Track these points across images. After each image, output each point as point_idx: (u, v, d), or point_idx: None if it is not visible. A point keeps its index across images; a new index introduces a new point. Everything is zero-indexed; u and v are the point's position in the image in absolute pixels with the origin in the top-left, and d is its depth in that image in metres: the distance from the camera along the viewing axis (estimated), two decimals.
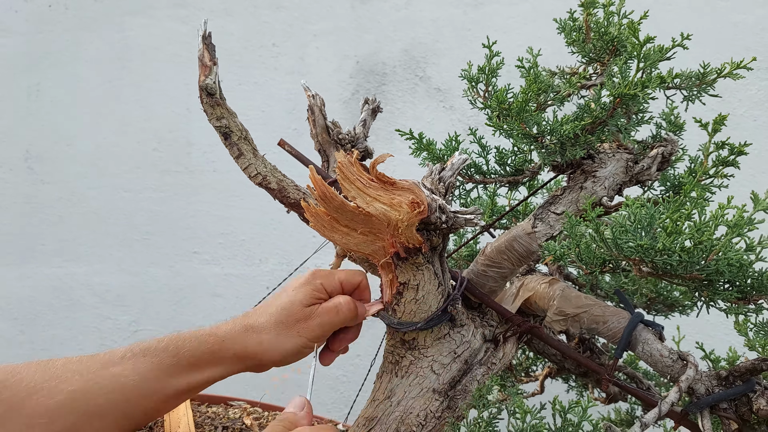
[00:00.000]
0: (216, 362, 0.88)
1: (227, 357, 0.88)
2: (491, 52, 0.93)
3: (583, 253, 0.78)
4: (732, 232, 0.67)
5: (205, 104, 0.87)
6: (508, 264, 0.92)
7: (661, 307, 1.10)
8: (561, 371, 1.15)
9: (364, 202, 0.79)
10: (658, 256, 0.69)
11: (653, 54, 0.79)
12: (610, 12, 0.89)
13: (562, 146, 0.86)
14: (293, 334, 0.89)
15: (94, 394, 0.81)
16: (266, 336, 0.89)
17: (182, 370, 0.86)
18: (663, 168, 0.95)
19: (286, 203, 0.91)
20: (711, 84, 0.88)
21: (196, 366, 0.87)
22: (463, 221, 0.83)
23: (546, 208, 0.94)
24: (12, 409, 0.77)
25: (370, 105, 1.05)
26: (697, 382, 0.83)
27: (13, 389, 0.78)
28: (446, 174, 0.85)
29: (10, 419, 0.77)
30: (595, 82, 0.92)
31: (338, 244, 0.87)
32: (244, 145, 0.89)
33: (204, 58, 0.86)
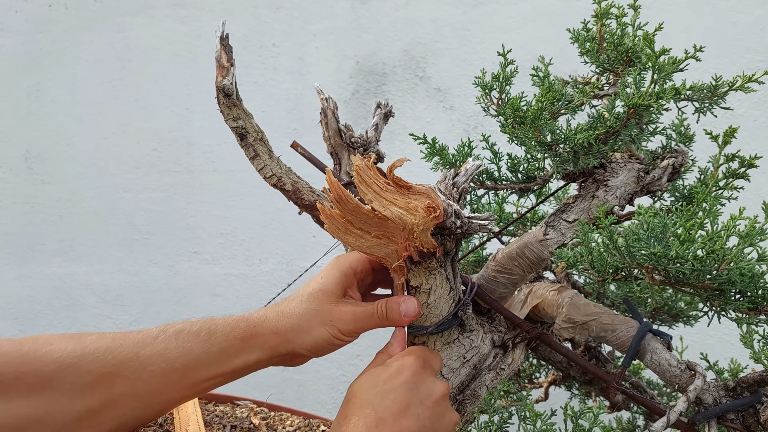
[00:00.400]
0: (248, 349, 0.86)
1: (259, 343, 0.86)
2: (506, 59, 0.93)
3: (596, 261, 0.78)
4: (744, 242, 0.68)
5: (222, 105, 0.87)
6: (519, 270, 0.93)
7: (666, 317, 1.10)
8: (566, 379, 1.15)
9: (381, 206, 0.80)
10: (671, 264, 0.70)
11: (667, 66, 0.80)
12: (624, 23, 0.90)
13: (575, 155, 0.87)
14: (326, 321, 0.87)
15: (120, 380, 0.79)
16: (298, 321, 0.87)
17: (212, 357, 0.84)
18: (673, 179, 0.96)
19: (301, 204, 0.92)
20: (722, 96, 0.89)
21: (227, 353, 0.85)
22: (477, 227, 0.83)
23: (558, 216, 0.94)
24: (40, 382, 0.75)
25: (383, 109, 1.05)
26: (705, 393, 0.84)
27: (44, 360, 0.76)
28: (460, 179, 0.86)
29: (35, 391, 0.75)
30: (608, 92, 0.93)
31: (352, 246, 0.87)
32: (259, 146, 0.90)
33: (221, 59, 0.86)
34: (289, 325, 0.87)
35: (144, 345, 0.82)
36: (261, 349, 0.86)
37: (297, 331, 0.87)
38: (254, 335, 0.86)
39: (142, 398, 0.81)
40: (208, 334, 0.84)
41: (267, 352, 0.87)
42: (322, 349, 0.88)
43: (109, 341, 0.81)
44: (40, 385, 0.76)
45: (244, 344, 0.86)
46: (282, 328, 0.87)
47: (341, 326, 0.87)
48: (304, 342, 0.87)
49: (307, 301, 0.89)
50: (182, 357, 0.82)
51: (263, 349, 0.87)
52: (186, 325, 0.85)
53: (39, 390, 0.76)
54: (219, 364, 0.84)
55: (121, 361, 0.80)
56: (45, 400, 0.76)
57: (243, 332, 0.86)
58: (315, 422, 1.28)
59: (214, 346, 0.84)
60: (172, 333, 0.84)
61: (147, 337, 0.83)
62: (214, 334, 0.85)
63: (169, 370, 0.82)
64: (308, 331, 0.87)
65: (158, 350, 0.82)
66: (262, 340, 0.86)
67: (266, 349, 0.87)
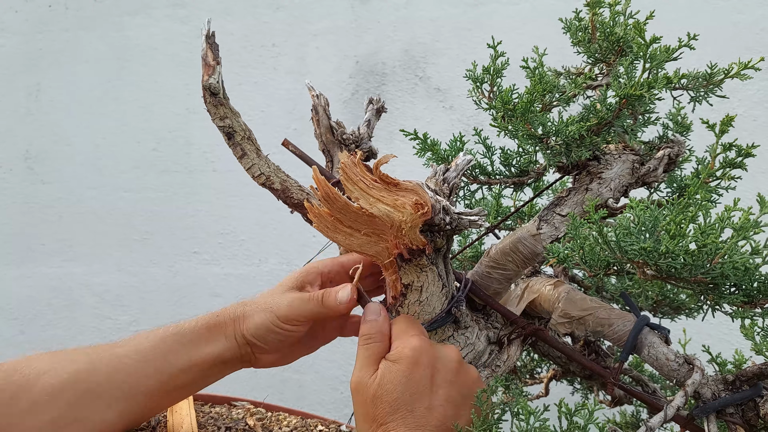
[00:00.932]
0: (213, 337, 0.90)
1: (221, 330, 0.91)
2: (496, 52, 0.92)
3: (587, 256, 0.77)
4: (738, 235, 0.67)
5: (209, 104, 0.86)
6: (513, 266, 0.92)
7: (668, 309, 1.09)
8: (566, 374, 1.14)
9: (368, 203, 0.79)
10: (661, 259, 0.68)
11: (659, 54, 0.79)
12: (616, 12, 0.89)
13: (567, 147, 0.86)
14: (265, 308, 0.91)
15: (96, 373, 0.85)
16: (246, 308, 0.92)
17: (182, 347, 0.89)
18: (669, 169, 0.95)
19: (290, 203, 0.91)
20: (718, 85, 0.87)
21: (194, 342, 0.90)
22: (467, 222, 0.82)
23: (551, 210, 0.93)
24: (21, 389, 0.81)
25: (375, 105, 1.04)
26: (704, 387, 0.82)
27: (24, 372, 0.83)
28: (450, 175, 0.85)
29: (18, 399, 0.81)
30: (601, 83, 0.92)
31: (341, 244, 0.86)
32: (247, 145, 0.89)
33: (207, 57, 0.85)
34: (240, 313, 0.92)
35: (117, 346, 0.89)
36: (225, 337, 0.91)
37: (245, 317, 0.92)
38: (217, 324, 0.91)
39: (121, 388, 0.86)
40: (176, 328, 0.91)
41: (229, 340, 0.91)
42: (262, 336, 0.91)
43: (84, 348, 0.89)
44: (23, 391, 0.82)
45: (209, 333, 0.91)
46: (237, 316, 0.92)
47: (278, 312, 0.90)
48: (248, 328, 0.91)
49: (263, 293, 0.95)
50: (154, 348, 0.88)
51: (226, 337, 0.91)
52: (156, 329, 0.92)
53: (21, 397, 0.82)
54: (189, 352, 0.89)
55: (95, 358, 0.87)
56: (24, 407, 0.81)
57: (207, 321, 0.92)
58: (312, 422, 1.27)
59: (184, 337, 0.90)
60: (143, 333, 0.91)
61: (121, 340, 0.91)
62: (183, 327, 0.91)
63: (143, 359, 0.87)
64: (251, 316, 0.91)
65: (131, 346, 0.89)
66: (223, 328, 0.91)
67: (228, 336, 0.91)
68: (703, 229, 0.66)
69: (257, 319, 0.90)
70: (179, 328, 0.91)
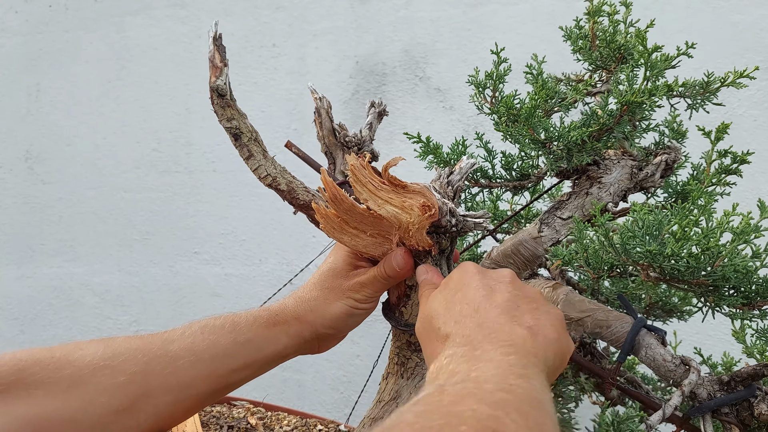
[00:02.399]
0: (273, 337, 0.88)
1: (283, 330, 0.89)
2: (499, 58, 0.94)
3: (591, 258, 0.79)
4: (738, 239, 0.69)
5: (216, 105, 0.88)
6: (514, 268, 0.93)
7: (660, 312, 1.10)
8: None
9: (376, 205, 0.80)
10: (666, 261, 0.70)
11: (660, 62, 0.80)
12: (616, 20, 0.90)
13: (569, 152, 0.87)
14: (340, 296, 0.90)
15: (152, 376, 0.82)
16: (315, 303, 0.90)
17: (238, 348, 0.86)
18: (666, 175, 0.96)
19: (296, 204, 0.92)
20: (714, 92, 0.89)
21: (253, 342, 0.87)
22: (472, 224, 0.84)
23: (552, 213, 0.95)
24: (74, 385, 0.78)
25: (377, 108, 1.05)
26: (699, 387, 0.84)
27: (77, 365, 0.79)
28: (455, 178, 0.86)
29: (72, 395, 0.78)
30: (601, 90, 0.93)
31: (347, 245, 0.88)
32: (254, 147, 0.90)
33: (215, 59, 0.87)
34: (308, 309, 0.90)
35: (171, 341, 0.84)
36: (287, 336, 0.89)
37: (316, 313, 0.90)
38: (277, 323, 0.89)
39: (174, 392, 0.83)
40: (232, 326, 0.87)
41: (293, 338, 0.89)
42: (343, 323, 0.90)
43: (138, 341, 0.84)
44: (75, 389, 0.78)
45: (268, 332, 0.88)
46: (302, 314, 0.90)
47: (354, 296, 0.90)
48: (325, 321, 0.89)
49: (320, 283, 0.92)
50: (209, 349, 0.85)
51: (289, 336, 0.89)
52: (210, 321, 0.88)
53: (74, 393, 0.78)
54: (246, 353, 0.87)
55: (152, 358, 0.82)
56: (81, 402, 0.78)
57: (266, 321, 0.89)
58: (312, 422, 1.28)
59: (240, 336, 0.87)
60: (197, 328, 0.87)
61: (173, 334, 0.86)
62: (239, 325, 0.87)
63: (198, 361, 0.84)
64: (326, 309, 0.90)
65: (186, 344, 0.85)
66: (286, 327, 0.89)
67: (291, 335, 0.89)
68: (706, 233, 0.67)
69: (335, 309, 0.90)
70: (235, 327, 0.87)
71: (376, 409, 0.94)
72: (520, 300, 0.73)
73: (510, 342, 0.65)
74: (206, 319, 0.89)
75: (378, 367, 1.05)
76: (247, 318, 0.89)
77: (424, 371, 0.92)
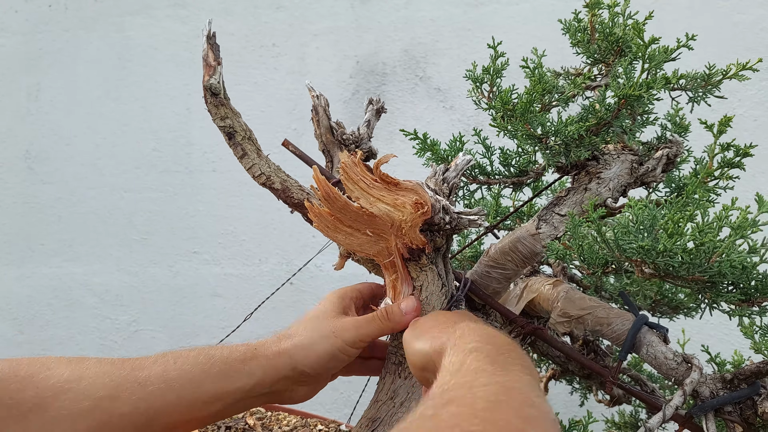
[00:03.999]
0: (247, 371, 0.85)
1: (261, 364, 0.86)
2: (496, 52, 0.92)
3: (586, 254, 0.77)
4: (735, 234, 0.67)
5: (209, 104, 0.87)
6: (512, 265, 0.92)
7: (666, 309, 1.09)
8: (565, 373, 1.14)
9: (368, 203, 0.79)
10: (659, 257, 0.69)
11: (658, 55, 0.79)
12: (615, 13, 0.89)
13: (566, 147, 0.86)
14: (328, 334, 0.86)
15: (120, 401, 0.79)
16: (301, 339, 0.87)
17: (211, 379, 0.83)
18: (668, 169, 0.95)
19: (290, 203, 0.91)
20: (716, 85, 0.87)
21: (226, 374, 0.84)
22: (466, 222, 0.83)
23: (550, 210, 0.93)
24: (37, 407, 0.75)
25: (374, 105, 1.04)
26: (702, 385, 0.83)
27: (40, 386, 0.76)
28: (450, 175, 0.85)
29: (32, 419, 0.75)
30: (600, 83, 0.92)
31: (342, 244, 0.87)
32: (248, 145, 0.89)
33: (208, 57, 0.86)
34: (291, 344, 0.87)
35: (142, 368, 0.82)
36: (262, 370, 0.85)
37: (300, 347, 0.86)
38: (255, 357, 0.86)
39: (142, 417, 0.80)
40: (206, 358, 0.84)
41: (269, 372, 0.86)
42: (326, 364, 0.87)
43: (108, 366, 0.81)
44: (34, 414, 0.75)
45: (243, 366, 0.85)
46: (284, 347, 0.86)
47: (344, 336, 0.86)
48: (308, 358, 0.86)
49: (309, 321, 0.89)
50: (181, 377, 0.82)
51: (265, 370, 0.85)
52: (184, 351, 0.85)
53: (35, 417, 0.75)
54: (218, 385, 0.84)
55: (119, 383, 0.80)
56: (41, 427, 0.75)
57: (243, 354, 0.86)
58: (312, 421, 1.27)
59: (214, 368, 0.84)
60: (171, 357, 0.84)
61: (145, 361, 0.83)
62: (213, 357, 0.85)
63: (168, 389, 0.81)
64: (311, 346, 0.86)
65: (156, 372, 0.82)
66: (264, 361, 0.86)
67: (268, 369, 0.86)
68: (701, 228, 0.66)
69: (320, 348, 0.86)
70: (209, 358, 0.84)
71: (373, 410, 0.93)
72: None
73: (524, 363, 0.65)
74: (180, 350, 0.86)
75: None
76: (223, 351, 0.86)
77: None
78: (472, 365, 0.61)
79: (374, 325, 0.87)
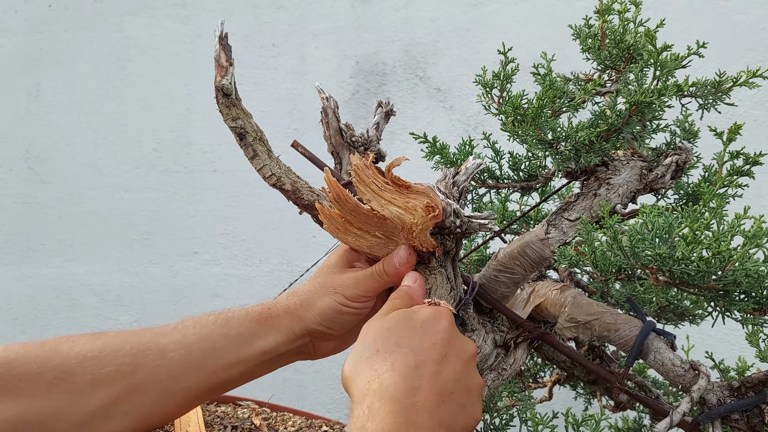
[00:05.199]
0: (264, 331, 0.86)
1: (274, 324, 0.87)
2: (506, 57, 0.93)
3: (599, 260, 0.78)
4: (750, 243, 0.67)
5: (221, 105, 0.87)
6: (521, 270, 0.92)
7: (671, 316, 1.09)
8: (570, 378, 1.15)
9: (379, 205, 0.79)
10: (676, 265, 0.69)
11: (669, 62, 0.79)
12: (626, 19, 0.89)
13: (576, 153, 0.86)
14: (330, 291, 0.87)
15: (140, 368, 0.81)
16: (305, 297, 0.88)
17: (229, 341, 0.85)
18: (677, 176, 0.95)
19: (300, 204, 0.91)
20: (726, 92, 0.88)
21: (244, 336, 0.86)
22: (477, 226, 0.83)
23: (559, 215, 0.94)
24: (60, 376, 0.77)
25: (384, 108, 1.05)
26: (709, 393, 0.83)
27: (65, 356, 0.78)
28: (460, 178, 0.85)
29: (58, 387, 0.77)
30: (610, 89, 0.92)
31: (351, 246, 0.87)
32: (259, 146, 0.89)
33: (220, 58, 0.86)
34: (298, 302, 0.88)
35: (162, 335, 0.84)
36: (278, 330, 0.87)
37: (305, 305, 0.87)
38: (269, 317, 0.87)
39: (163, 383, 0.82)
40: (225, 320, 0.86)
41: (284, 333, 0.87)
42: (332, 320, 0.87)
43: (129, 334, 0.83)
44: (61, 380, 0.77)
45: (260, 326, 0.86)
46: (292, 307, 0.88)
47: (345, 292, 0.87)
48: (313, 315, 0.87)
49: (313, 279, 0.90)
50: (200, 342, 0.84)
51: (280, 330, 0.87)
52: (203, 316, 0.87)
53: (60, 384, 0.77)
54: (237, 347, 0.85)
55: (141, 350, 0.81)
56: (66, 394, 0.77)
57: (258, 315, 0.87)
58: (317, 422, 1.27)
59: (231, 330, 0.85)
60: (190, 323, 0.86)
61: (165, 328, 0.85)
62: (231, 319, 0.86)
63: (188, 354, 0.83)
64: (315, 303, 0.87)
65: (176, 338, 0.83)
66: (277, 321, 0.87)
67: (282, 329, 0.87)
68: (717, 237, 0.66)
69: (323, 304, 0.87)
70: (228, 321, 0.86)
71: None
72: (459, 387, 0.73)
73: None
74: (200, 315, 0.88)
75: None
76: (240, 313, 0.88)
77: None
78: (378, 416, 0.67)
79: (373, 279, 0.87)
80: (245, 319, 0.87)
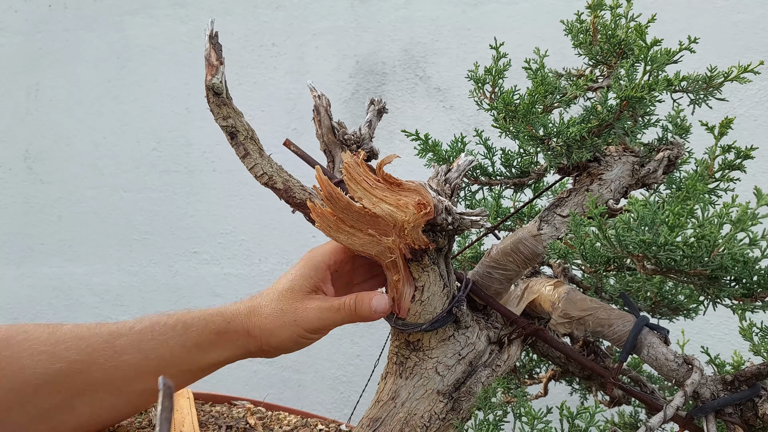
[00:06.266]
0: (221, 344, 0.87)
1: (232, 340, 0.87)
2: (498, 53, 0.93)
3: (588, 252, 0.78)
4: (736, 228, 0.67)
5: (212, 104, 0.87)
6: (514, 266, 0.92)
7: (666, 310, 1.09)
8: (565, 374, 1.15)
9: (371, 203, 0.79)
10: (661, 251, 0.69)
11: (660, 57, 0.79)
12: (618, 14, 0.89)
13: (568, 148, 0.86)
14: (291, 321, 0.87)
15: (94, 367, 0.80)
16: (266, 322, 0.88)
17: (186, 351, 0.85)
18: (669, 171, 0.95)
19: (292, 203, 0.91)
20: (718, 87, 0.88)
21: (201, 347, 0.86)
22: (469, 223, 0.83)
23: (551, 211, 0.94)
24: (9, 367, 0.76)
25: (376, 106, 1.05)
26: (703, 387, 0.83)
27: (15, 348, 0.78)
28: (452, 175, 0.85)
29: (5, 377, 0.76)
30: (602, 85, 0.92)
31: (343, 244, 0.87)
32: (250, 145, 0.89)
33: (211, 57, 0.86)
34: (257, 325, 0.88)
35: (119, 335, 0.83)
36: (235, 346, 0.88)
37: (265, 332, 0.88)
38: (228, 331, 0.87)
39: (116, 384, 0.82)
40: (184, 328, 0.86)
41: (240, 349, 0.88)
42: (288, 348, 0.89)
43: (84, 330, 0.82)
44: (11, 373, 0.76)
45: (218, 339, 0.87)
46: (251, 329, 0.88)
47: (305, 325, 0.87)
48: (270, 342, 0.88)
49: (276, 301, 0.89)
50: (157, 349, 0.84)
51: (237, 347, 0.88)
52: (162, 318, 0.87)
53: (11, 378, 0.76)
54: (194, 357, 0.86)
55: (95, 349, 0.81)
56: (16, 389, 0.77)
57: (218, 327, 0.87)
58: (313, 421, 1.27)
59: (189, 340, 0.85)
60: (148, 324, 0.85)
61: (122, 327, 0.84)
62: (190, 327, 0.86)
63: (144, 360, 0.83)
64: (273, 331, 0.87)
65: (133, 340, 0.83)
66: (235, 337, 0.87)
67: (240, 346, 0.88)
68: (702, 222, 0.66)
69: (283, 334, 0.87)
70: (186, 329, 0.85)
71: (374, 409, 0.93)
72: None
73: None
74: (158, 314, 0.87)
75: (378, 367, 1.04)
76: (200, 321, 0.87)
77: (423, 371, 0.92)
78: None
79: (340, 315, 0.87)
80: (204, 330, 0.87)
